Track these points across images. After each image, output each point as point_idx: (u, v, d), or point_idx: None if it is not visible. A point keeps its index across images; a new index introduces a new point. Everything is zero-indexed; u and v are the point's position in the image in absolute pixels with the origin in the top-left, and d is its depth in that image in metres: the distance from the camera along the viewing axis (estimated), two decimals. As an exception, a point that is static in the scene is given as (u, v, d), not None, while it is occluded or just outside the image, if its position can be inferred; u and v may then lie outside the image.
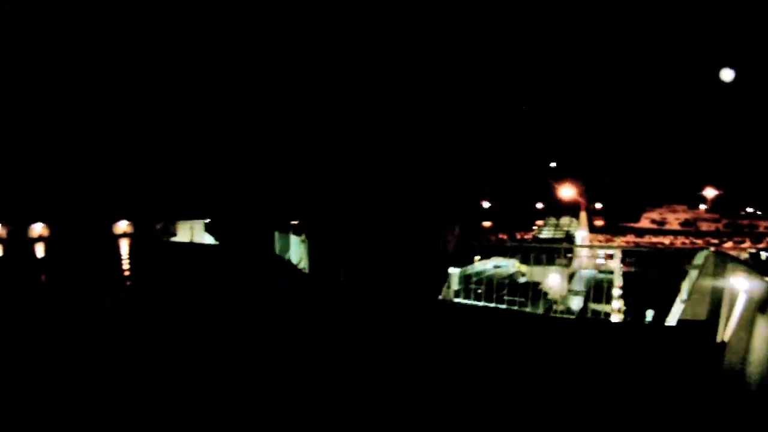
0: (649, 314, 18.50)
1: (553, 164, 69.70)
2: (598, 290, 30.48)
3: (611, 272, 35.12)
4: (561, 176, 50.22)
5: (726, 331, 6.80)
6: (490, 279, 22.36)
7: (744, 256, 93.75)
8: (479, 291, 21.22)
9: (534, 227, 59.99)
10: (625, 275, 33.76)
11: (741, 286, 6.78)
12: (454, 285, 18.12)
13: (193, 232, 25.34)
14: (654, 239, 77.95)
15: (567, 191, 47.24)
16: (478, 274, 23.09)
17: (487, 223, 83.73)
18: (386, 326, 10.48)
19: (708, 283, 8.08)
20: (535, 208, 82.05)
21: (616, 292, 32.23)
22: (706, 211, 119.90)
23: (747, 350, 6.34)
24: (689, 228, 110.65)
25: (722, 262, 8.12)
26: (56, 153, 52.88)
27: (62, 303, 14.65)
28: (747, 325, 6.35)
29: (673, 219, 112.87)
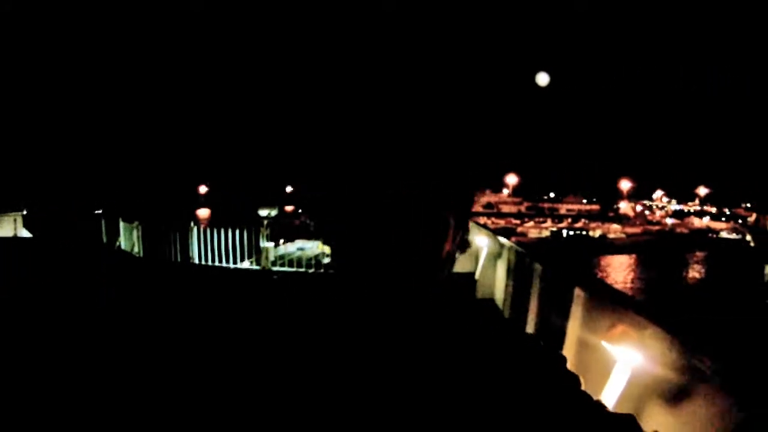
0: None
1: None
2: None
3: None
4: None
5: (478, 272, 10.77)
6: (292, 260, 25.16)
7: (546, 234, 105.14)
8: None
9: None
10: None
11: (482, 243, 10.76)
12: (271, 257, 21.09)
13: (16, 226, 24.62)
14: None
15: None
16: (282, 256, 25.65)
17: (289, 207, 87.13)
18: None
19: (471, 242, 12.16)
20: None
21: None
22: (509, 195, 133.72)
23: (493, 282, 10.27)
24: (490, 210, 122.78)
25: (475, 227, 12.19)
26: None
27: None
28: (490, 266, 10.27)
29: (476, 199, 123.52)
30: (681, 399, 3.89)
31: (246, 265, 19.91)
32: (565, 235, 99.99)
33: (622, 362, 4.34)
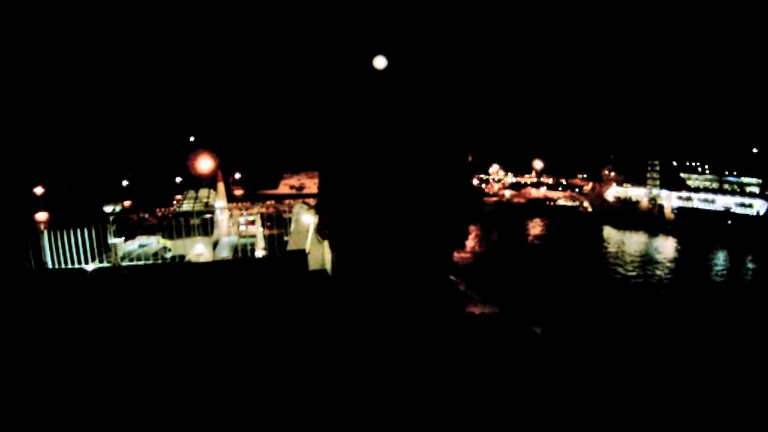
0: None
1: (192, 138, 73.93)
2: (244, 253, 36.55)
3: (254, 236, 41.16)
4: (199, 149, 54.53)
5: (308, 246, 13.15)
6: (140, 256, 25.97)
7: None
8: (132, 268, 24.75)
9: (174, 202, 63.82)
10: (268, 237, 39.56)
11: (308, 220, 13.15)
12: (120, 253, 22.15)
13: None
14: (294, 202, 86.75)
15: (205, 164, 51.14)
16: (126, 255, 26.13)
17: (126, 203, 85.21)
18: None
19: (300, 222, 14.48)
20: (174, 183, 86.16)
21: (259, 253, 38.04)
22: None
23: (323, 256, 12.65)
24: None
25: (304, 207, 14.54)
26: None
27: None
28: (317, 241, 12.68)
29: (312, 183, 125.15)
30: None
31: (96, 265, 20.73)
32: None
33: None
